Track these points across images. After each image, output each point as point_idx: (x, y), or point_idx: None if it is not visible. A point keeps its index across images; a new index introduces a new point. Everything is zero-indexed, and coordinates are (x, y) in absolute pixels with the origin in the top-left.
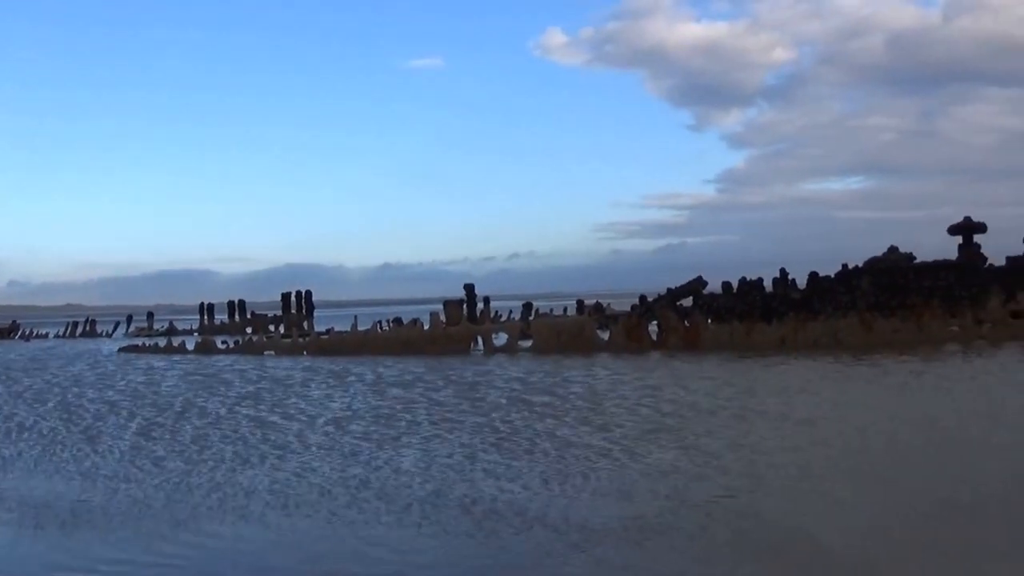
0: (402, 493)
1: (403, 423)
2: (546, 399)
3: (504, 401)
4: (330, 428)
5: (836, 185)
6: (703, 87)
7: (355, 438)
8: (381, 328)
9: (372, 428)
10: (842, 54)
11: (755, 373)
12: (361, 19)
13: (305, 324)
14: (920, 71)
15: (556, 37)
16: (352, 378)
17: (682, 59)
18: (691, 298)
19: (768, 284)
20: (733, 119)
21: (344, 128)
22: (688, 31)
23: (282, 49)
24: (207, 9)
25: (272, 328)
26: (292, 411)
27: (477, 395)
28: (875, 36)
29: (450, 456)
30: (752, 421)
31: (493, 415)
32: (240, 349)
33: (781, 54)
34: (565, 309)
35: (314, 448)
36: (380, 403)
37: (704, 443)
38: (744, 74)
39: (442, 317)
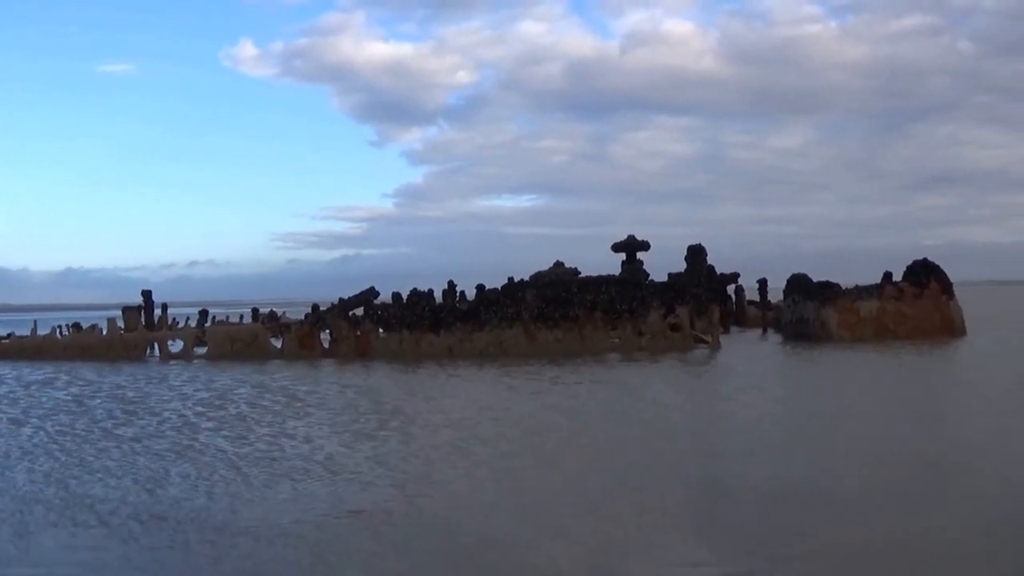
0: None
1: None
2: (157, 400)
3: (98, 402)
4: None
5: (509, 202)
6: (387, 105)
7: None
8: (60, 333)
9: None
10: (522, 79)
11: (393, 377)
12: (50, 22)
13: None
14: (596, 98)
15: (247, 49)
16: None
17: (368, 77)
18: (362, 308)
19: (439, 295)
20: (413, 136)
21: (30, 130)
22: (376, 50)
23: None
24: None
25: None
26: None
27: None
28: (555, 64)
29: None
30: (349, 413)
31: (97, 412)
32: None
33: (464, 76)
34: (241, 317)
35: None
36: None
37: (260, 431)
38: (427, 94)
39: (120, 323)
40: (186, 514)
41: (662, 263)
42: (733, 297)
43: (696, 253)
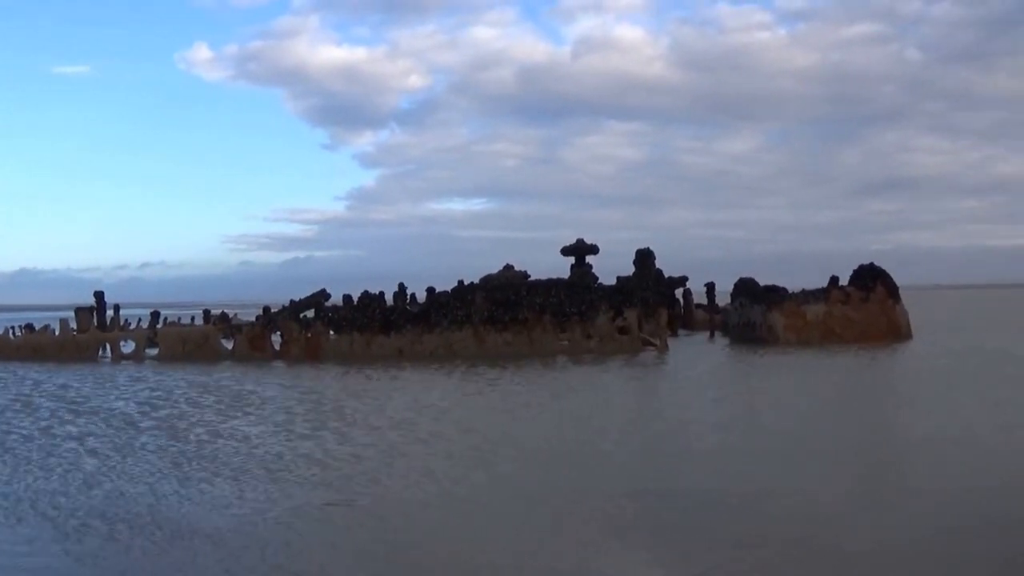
0: None
1: None
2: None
3: (43, 401)
4: None
5: (460, 206)
6: (340, 108)
7: None
8: (13, 334)
9: None
10: (474, 83)
11: (325, 379)
12: (3, 24)
13: None
14: (547, 103)
15: (202, 52)
16: None
17: (322, 80)
18: (314, 310)
19: (390, 298)
20: (366, 140)
21: None
22: (329, 54)
23: None
24: None
25: None
26: None
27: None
28: (506, 69)
29: None
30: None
31: (41, 412)
32: None
33: (416, 81)
34: (192, 318)
35: None
36: None
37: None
38: (380, 98)
39: (72, 324)
40: (125, 511)
41: (611, 267)
42: (681, 300)
43: (644, 257)
